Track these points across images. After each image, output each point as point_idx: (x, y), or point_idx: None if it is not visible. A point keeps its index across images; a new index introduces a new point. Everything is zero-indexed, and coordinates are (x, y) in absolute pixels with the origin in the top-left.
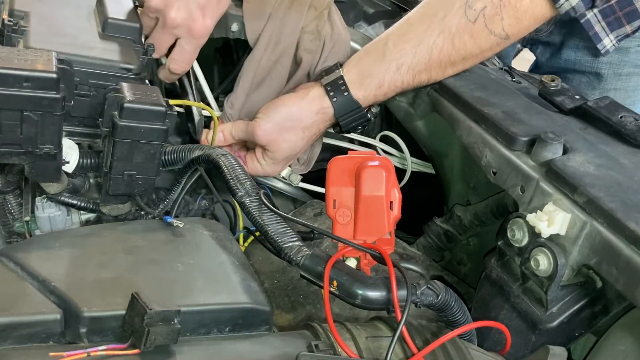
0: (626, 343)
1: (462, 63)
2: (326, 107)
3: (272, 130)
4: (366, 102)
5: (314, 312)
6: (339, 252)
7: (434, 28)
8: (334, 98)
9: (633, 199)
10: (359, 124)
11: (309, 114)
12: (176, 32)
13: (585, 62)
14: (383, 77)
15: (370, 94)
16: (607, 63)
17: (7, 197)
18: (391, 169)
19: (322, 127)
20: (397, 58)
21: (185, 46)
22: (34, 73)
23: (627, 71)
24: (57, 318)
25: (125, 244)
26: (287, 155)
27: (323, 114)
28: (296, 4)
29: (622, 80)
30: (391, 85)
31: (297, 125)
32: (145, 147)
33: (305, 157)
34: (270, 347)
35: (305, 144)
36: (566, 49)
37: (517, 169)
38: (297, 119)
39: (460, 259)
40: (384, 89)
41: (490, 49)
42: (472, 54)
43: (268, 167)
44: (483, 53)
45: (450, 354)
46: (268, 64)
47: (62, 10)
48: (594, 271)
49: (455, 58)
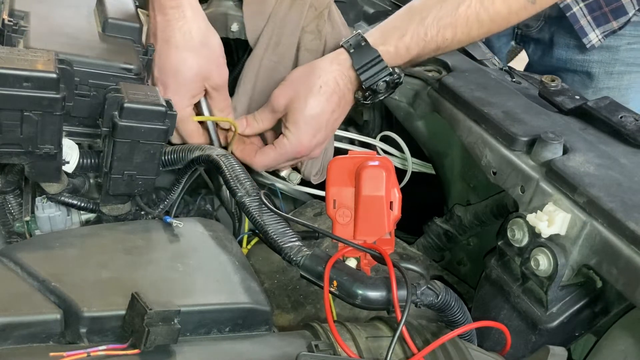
0: (626, 343)
1: (489, 25)
2: (343, 59)
3: (288, 89)
4: (388, 55)
5: (314, 312)
6: (339, 252)
7: None
8: (351, 49)
9: (633, 199)
10: (381, 79)
11: (324, 66)
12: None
13: (576, 61)
14: (406, 27)
15: (392, 45)
16: (597, 62)
17: (7, 197)
18: (391, 169)
19: (341, 83)
20: (421, 10)
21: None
22: (34, 73)
23: (618, 69)
24: (57, 318)
25: (125, 244)
26: (307, 117)
27: (339, 65)
28: (296, 4)
29: (614, 79)
30: (414, 37)
31: (312, 80)
32: (145, 147)
33: (319, 167)
34: (270, 347)
35: (325, 103)
36: (557, 48)
37: (517, 169)
38: (313, 74)
39: (460, 259)
40: (406, 40)
41: (517, 13)
42: (500, 15)
43: (293, 136)
44: (510, 15)
45: (450, 354)
46: (270, 65)
47: (62, 10)
48: (594, 271)
49: (483, 17)
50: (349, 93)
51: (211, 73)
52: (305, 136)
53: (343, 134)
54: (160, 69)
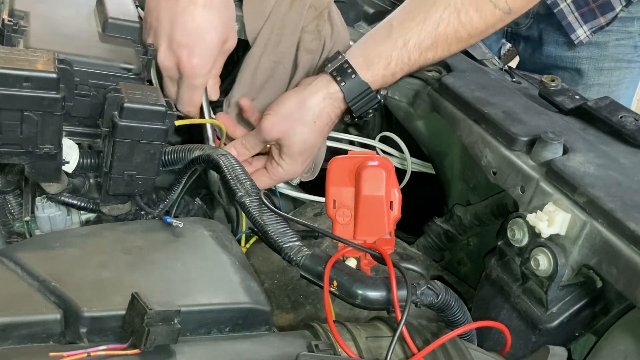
0: (626, 343)
1: (467, 40)
2: (334, 92)
3: (281, 122)
4: (375, 84)
5: (314, 312)
6: (339, 252)
7: (439, 4)
8: (342, 82)
9: (633, 199)
10: (371, 107)
11: (316, 101)
12: (171, 76)
13: (566, 58)
14: (390, 54)
15: (379, 74)
16: (586, 58)
17: (7, 197)
18: (391, 169)
19: (333, 116)
20: (403, 35)
21: (182, 88)
22: (34, 73)
23: (607, 65)
24: (57, 318)
25: (125, 244)
26: (302, 149)
27: (331, 99)
28: (296, 4)
29: (604, 75)
30: (399, 63)
31: (306, 115)
32: (145, 147)
33: (311, 164)
34: (270, 347)
35: (318, 136)
36: (546, 45)
37: (517, 169)
38: (305, 108)
39: (460, 259)
40: (391, 67)
41: (495, 25)
42: (478, 30)
43: (288, 165)
44: (488, 29)
45: (450, 354)
46: (270, 65)
47: (62, 10)
48: (594, 271)
49: (462, 34)
50: (338, 118)
51: (230, 35)
52: (300, 165)
53: (342, 135)
54: (184, 31)
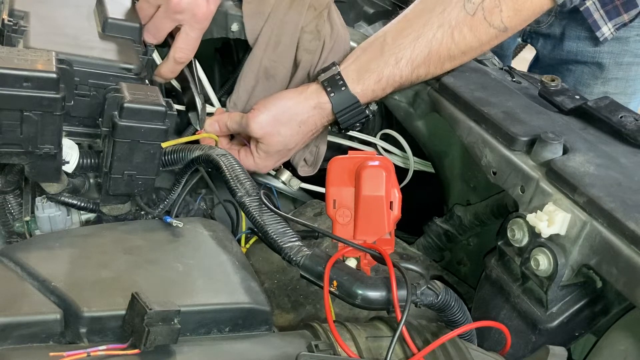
0: (626, 343)
1: (460, 57)
2: (324, 103)
3: (267, 123)
4: (365, 98)
5: (314, 312)
6: (339, 252)
7: (433, 22)
8: (331, 93)
9: (633, 199)
10: (358, 121)
11: (305, 108)
12: (180, 18)
13: (587, 53)
14: (382, 71)
15: (369, 89)
16: (608, 53)
17: (7, 197)
18: (391, 169)
19: (319, 124)
20: (395, 52)
21: (190, 32)
22: (34, 73)
23: (627, 60)
24: (57, 318)
25: (125, 244)
26: (279, 150)
27: (320, 109)
28: (296, 4)
29: (622, 70)
30: (390, 80)
31: (292, 119)
32: (145, 147)
33: (312, 159)
34: (270, 347)
35: (300, 139)
36: (567, 40)
37: (517, 169)
38: (294, 112)
39: (460, 259)
40: (382, 83)
41: (489, 42)
42: (472, 48)
43: (260, 160)
44: (482, 46)
45: (450, 354)
46: (270, 65)
47: (62, 10)
48: (594, 271)
49: (454, 52)
50: (324, 127)
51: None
52: (272, 163)
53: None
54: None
